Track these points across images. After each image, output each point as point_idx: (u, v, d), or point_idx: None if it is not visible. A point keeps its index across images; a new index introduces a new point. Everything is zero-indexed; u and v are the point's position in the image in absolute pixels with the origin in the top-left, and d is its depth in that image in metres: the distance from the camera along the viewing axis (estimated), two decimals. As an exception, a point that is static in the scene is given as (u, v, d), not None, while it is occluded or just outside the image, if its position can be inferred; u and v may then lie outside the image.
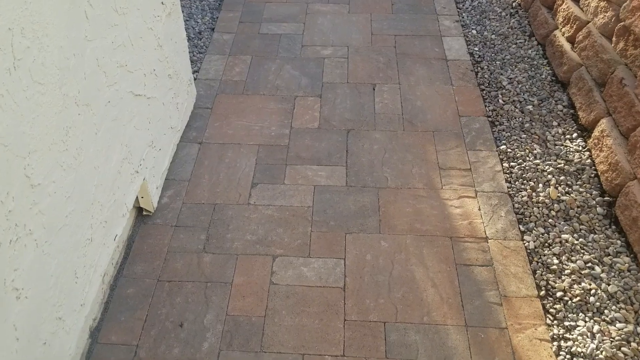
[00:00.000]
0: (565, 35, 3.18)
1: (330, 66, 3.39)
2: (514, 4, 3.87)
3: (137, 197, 2.34)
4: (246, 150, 2.81)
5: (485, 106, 3.07)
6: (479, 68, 3.35)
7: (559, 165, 2.65)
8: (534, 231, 2.39)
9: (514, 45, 3.49)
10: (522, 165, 2.68)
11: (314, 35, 3.66)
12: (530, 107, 3.01)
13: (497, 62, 3.36)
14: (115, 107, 2.01)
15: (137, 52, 2.20)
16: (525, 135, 2.85)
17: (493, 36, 3.59)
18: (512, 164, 2.71)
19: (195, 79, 3.26)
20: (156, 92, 2.44)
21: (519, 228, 2.41)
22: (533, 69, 3.29)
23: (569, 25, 3.14)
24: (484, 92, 3.17)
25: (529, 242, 2.35)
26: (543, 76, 3.22)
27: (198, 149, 2.82)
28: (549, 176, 2.61)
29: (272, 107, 3.08)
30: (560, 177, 2.60)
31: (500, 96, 3.11)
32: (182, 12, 3.76)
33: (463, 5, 3.94)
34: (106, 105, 1.94)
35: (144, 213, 2.45)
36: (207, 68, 3.37)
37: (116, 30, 1.99)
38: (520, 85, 3.16)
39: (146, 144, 2.35)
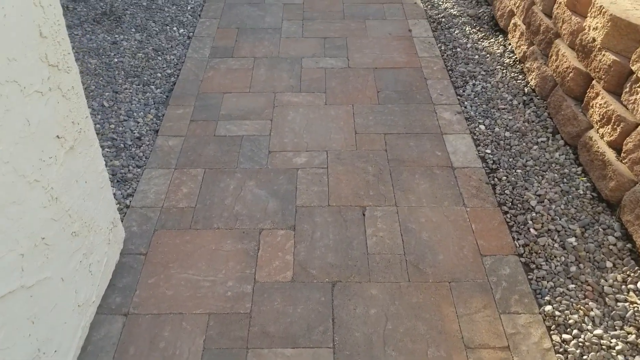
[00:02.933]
0: (605, 138, 2.48)
1: (305, 181, 2.62)
2: (526, 90, 3.19)
3: None
4: (190, 325, 1.99)
5: (514, 238, 2.31)
6: (495, 179, 2.62)
7: (630, 338, 1.89)
8: None
9: (535, 146, 2.78)
10: (580, 338, 1.91)
11: (283, 137, 2.91)
12: (572, 239, 2.27)
13: (518, 171, 2.64)
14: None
15: (5, 230, 1.40)
16: (574, 286, 2.09)
17: (507, 133, 2.88)
18: (564, 336, 1.93)
19: (128, 207, 2.46)
20: (47, 270, 1.63)
21: None
22: (566, 180, 2.57)
23: (609, 127, 2.45)
24: (508, 215, 2.42)
25: None
26: (580, 191, 2.50)
27: (122, 324, 1.98)
28: (620, 357, 1.84)
29: (229, 249, 2.28)
30: (635, 357, 1.84)
31: (530, 222, 2.37)
32: (120, 110, 3.00)
33: (464, 92, 3.25)
34: None
35: None
36: (144, 190, 2.57)
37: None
38: (553, 206, 2.43)
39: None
